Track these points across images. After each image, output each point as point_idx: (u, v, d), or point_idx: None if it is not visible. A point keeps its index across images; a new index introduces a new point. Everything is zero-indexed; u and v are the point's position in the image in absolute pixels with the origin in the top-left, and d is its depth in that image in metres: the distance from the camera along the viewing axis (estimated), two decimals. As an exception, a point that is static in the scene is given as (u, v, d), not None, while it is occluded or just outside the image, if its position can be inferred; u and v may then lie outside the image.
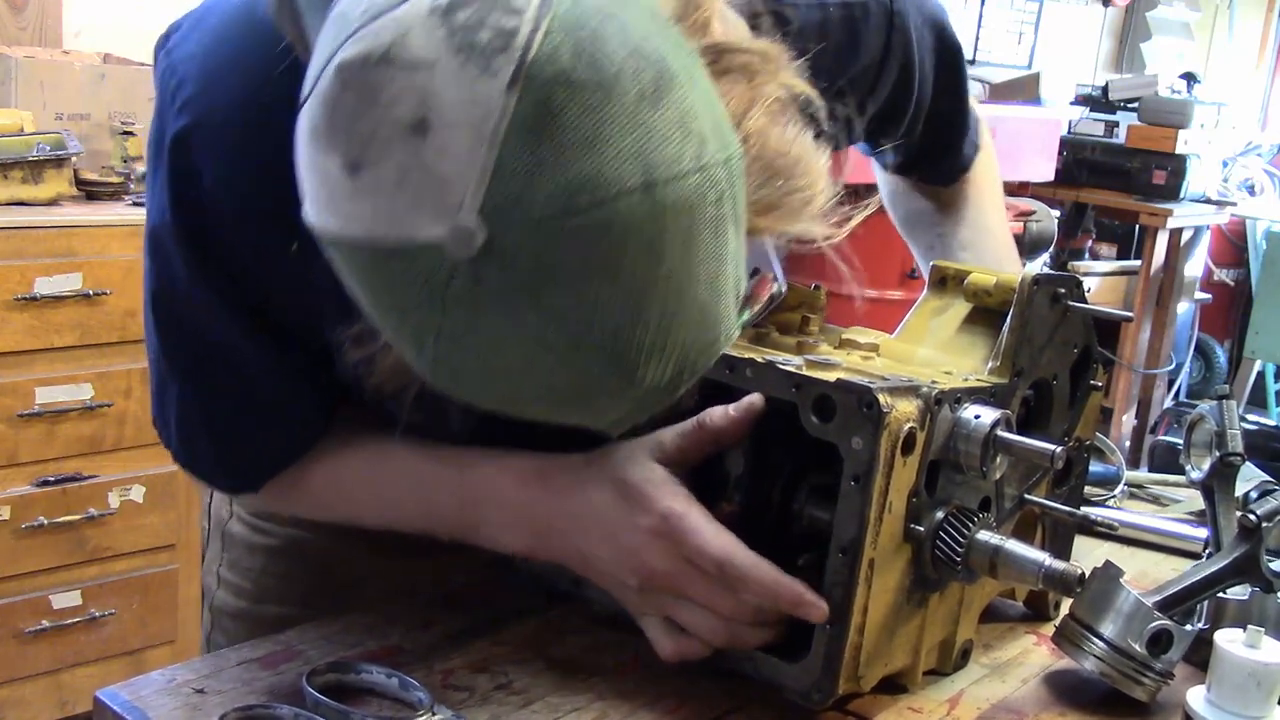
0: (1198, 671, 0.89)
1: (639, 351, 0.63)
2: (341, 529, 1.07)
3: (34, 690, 2.41)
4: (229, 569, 1.13)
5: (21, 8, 2.78)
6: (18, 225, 2.25)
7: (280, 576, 1.10)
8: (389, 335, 0.67)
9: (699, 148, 0.62)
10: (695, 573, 0.82)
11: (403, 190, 0.60)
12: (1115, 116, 4.69)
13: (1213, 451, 1.00)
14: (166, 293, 0.89)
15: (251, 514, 1.12)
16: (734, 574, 0.81)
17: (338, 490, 0.97)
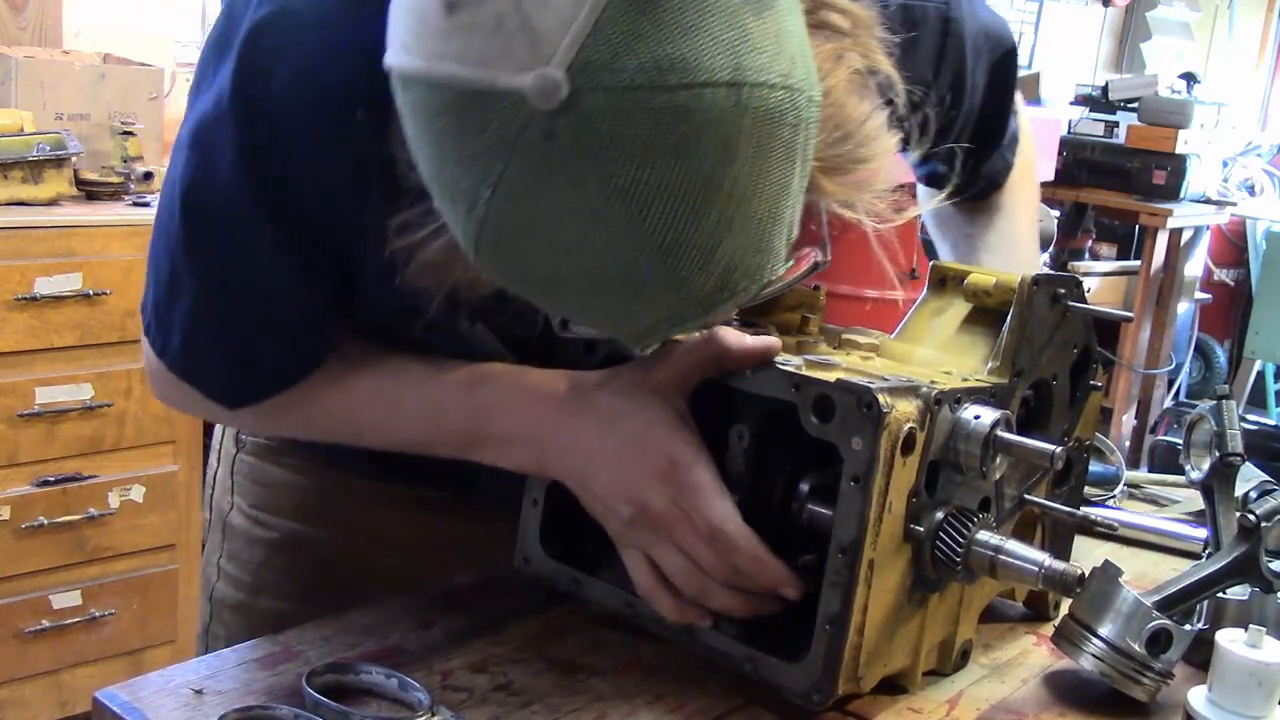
0: (1198, 672, 0.89)
1: (688, 251, 0.64)
2: (342, 524, 1.08)
3: (34, 690, 2.41)
4: (229, 561, 1.13)
5: (21, 8, 2.78)
6: (18, 225, 2.25)
7: (280, 570, 1.10)
8: (442, 191, 0.67)
9: (788, 67, 0.63)
10: (687, 522, 0.83)
11: (497, 34, 0.61)
12: (1115, 116, 4.69)
13: (1213, 451, 1.00)
14: (203, 187, 0.86)
15: (251, 506, 1.12)
16: (724, 540, 0.82)
17: (343, 404, 0.95)
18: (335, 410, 0.96)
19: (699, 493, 0.82)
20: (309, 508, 1.10)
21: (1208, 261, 5.06)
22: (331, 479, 1.09)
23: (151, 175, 2.54)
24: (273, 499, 1.11)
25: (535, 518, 0.95)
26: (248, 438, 1.13)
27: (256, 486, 1.12)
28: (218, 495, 1.16)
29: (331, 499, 1.09)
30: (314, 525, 1.09)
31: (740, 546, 0.82)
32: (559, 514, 0.95)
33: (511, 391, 0.90)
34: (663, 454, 0.83)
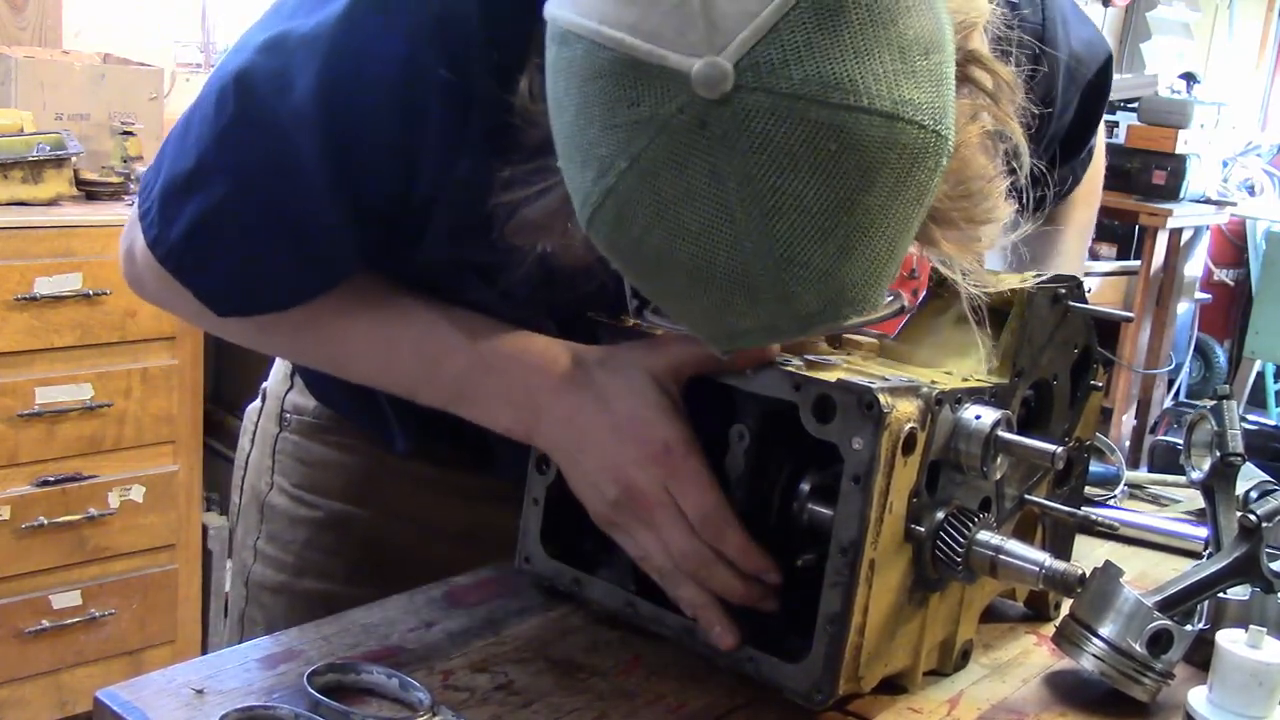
0: (1198, 672, 0.89)
1: (805, 267, 0.64)
2: (389, 506, 1.08)
3: (34, 690, 2.41)
4: (268, 542, 1.12)
5: (21, 8, 2.78)
6: (18, 225, 2.25)
7: (325, 550, 1.09)
8: (574, 153, 0.67)
9: (940, 114, 0.65)
10: (671, 508, 0.83)
11: (677, 12, 0.62)
12: (1115, 116, 4.69)
13: (1213, 451, 1.00)
14: (264, 83, 0.83)
15: (294, 485, 1.11)
16: (715, 525, 0.82)
17: (339, 334, 0.94)
18: (330, 338, 0.95)
19: (695, 477, 0.83)
20: (355, 487, 1.10)
21: (1208, 261, 5.06)
22: (378, 458, 1.09)
23: (151, 175, 2.54)
24: (318, 478, 1.11)
25: (536, 517, 0.95)
26: (294, 417, 1.12)
27: (301, 465, 1.12)
28: (252, 478, 1.15)
29: (378, 479, 1.09)
30: (360, 505, 1.08)
31: (728, 531, 0.83)
32: (559, 514, 0.95)
33: (512, 353, 0.89)
34: (658, 437, 0.84)
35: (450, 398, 0.92)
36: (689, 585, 0.85)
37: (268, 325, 0.94)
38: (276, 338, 0.97)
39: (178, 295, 0.92)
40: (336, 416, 1.11)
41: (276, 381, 1.16)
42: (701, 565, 0.84)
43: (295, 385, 1.14)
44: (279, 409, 1.14)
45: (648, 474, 0.84)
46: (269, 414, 1.16)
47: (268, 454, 1.14)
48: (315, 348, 0.97)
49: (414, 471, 1.08)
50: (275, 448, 1.14)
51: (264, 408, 1.17)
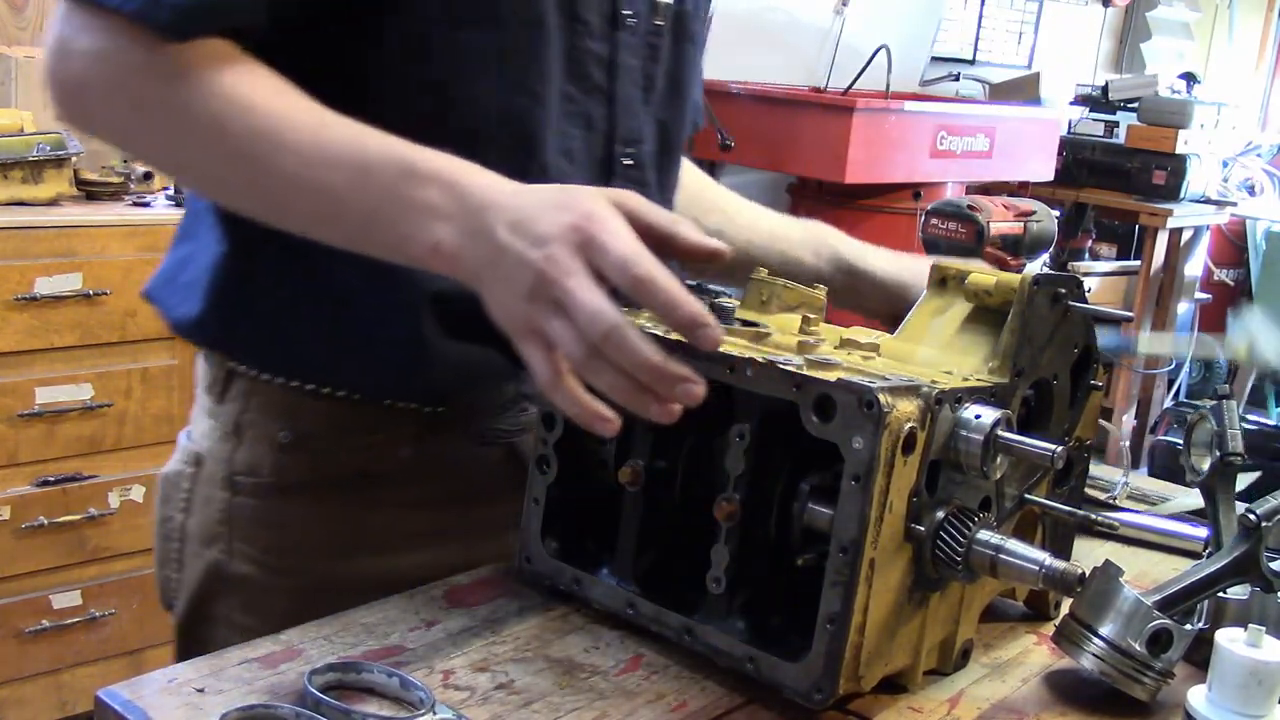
0: (1198, 671, 0.89)
1: None
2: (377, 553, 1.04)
3: (34, 690, 2.41)
4: (245, 614, 1.06)
5: (21, 8, 2.78)
6: (18, 225, 2.25)
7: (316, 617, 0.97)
8: None
9: None
10: (586, 276, 0.77)
11: None
12: (1115, 116, 4.69)
13: (1213, 451, 1.00)
14: None
15: (264, 551, 1.05)
16: (638, 272, 0.77)
17: (268, 98, 0.87)
18: (260, 130, 0.86)
19: (612, 234, 0.78)
20: (339, 542, 1.05)
21: (1208, 261, 5.07)
22: (357, 505, 1.05)
23: (151, 175, 2.54)
24: (293, 541, 1.05)
25: (536, 517, 0.95)
26: (247, 479, 1.05)
27: (268, 530, 1.05)
28: (196, 548, 1.08)
29: (360, 529, 1.05)
30: (347, 559, 1.04)
31: (657, 276, 0.77)
32: (560, 513, 0.96)
33: (447, 167, 0.84)
34: (580, 209, 0.79)
35: (375, 214, 0.85)
36: (609, 369, 0.77)
37: (182, 73, 0.86)
38: (194, 98, 0.86)
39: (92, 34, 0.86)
40: (304, 468, 1.04)
41: (213, 441, 1.07)
42: (616, 334, 0.76)
43: (243, 442, 1.05)
44: (226, 472, 1.06)
45: (566, 245, 0.78)
46: (210, 479, 1.07)
47: (216, 521, 1.07)
48: (240, 140, 0.86)
49: (399, 503, 1.05)
50: (230, 514, 1.06)
51: (199, 472, 1.08)
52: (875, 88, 3.60)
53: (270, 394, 1.04)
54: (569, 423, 0.93)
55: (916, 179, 3.46)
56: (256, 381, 1.04)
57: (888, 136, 3.36)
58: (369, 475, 1.05)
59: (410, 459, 1.05)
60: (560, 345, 0.78)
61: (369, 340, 1.01)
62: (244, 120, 0.86)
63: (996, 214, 1.45)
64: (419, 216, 0.84)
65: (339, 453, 1.04)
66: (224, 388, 1.06)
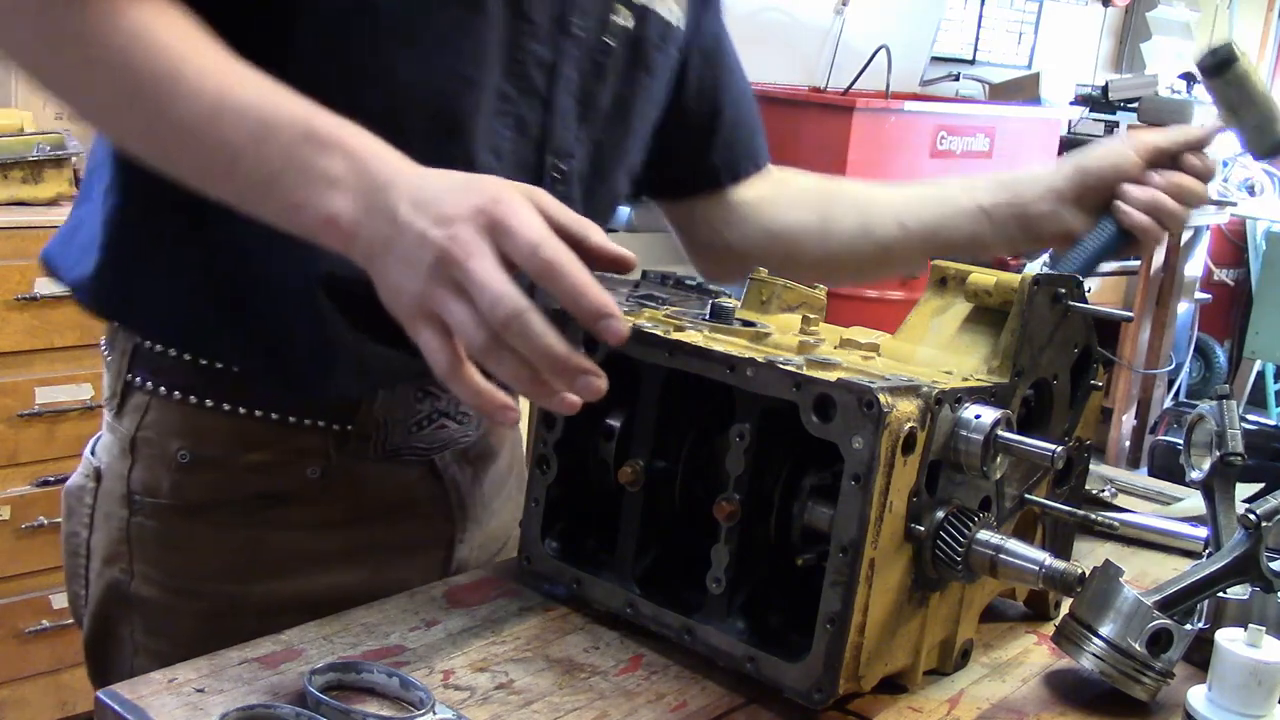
0: (1198, 671, 0.89)
1: None
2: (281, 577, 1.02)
3: (34, 690, 2.41)
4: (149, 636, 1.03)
5: (21, 8, 2.78)
6: (18, 225, 2.25)
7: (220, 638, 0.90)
8: None
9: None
10: (490, 256, 0.74)
11: None
12: (1115, 116, 4.69)
13: (1213, 451, 1.00)
14: None
15: (167, 575, 1.02)
16: (546, 255, 0.73)
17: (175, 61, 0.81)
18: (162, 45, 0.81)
19: (520, 217, 0.74)
20: (241, 566, 1.02)
21: (1208, 261, 5.06)
22: (259, 528, 1.02)
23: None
24: (193, 564, 1.02)
25: (536, 518, 0.95)
26: (145, 499, 1.01)
27: (169, 552, 1.02)
28: (99, 566, 1.04)
29: (263, 552, 1.02)
30: (252, 581, 1.01)
31: (564, 261, 0.73)
32: (560, 513, 0.96)
33: (351, 135, 0.80)
34: (488, 193, 0.76)
35: (272, 175, 0.80)
36: (510, 357, 0.74)
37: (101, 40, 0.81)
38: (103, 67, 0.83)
39: None
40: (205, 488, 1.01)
41: (112, 457, 1.03)
42: (520, 320, 0.72)
43: (138, 460, 1.01)
44: (124, 490, 1.02)
45: (470, 225, 0.74)
46: (109, 495, 1.03)
47: (116, 540, 1.03)
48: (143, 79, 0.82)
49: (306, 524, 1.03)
50: (129, 534, 1.02)
51: (100, 488, 1.04)
52: (875, 88, 3.60)
53: (168, 410, 1.01)
54: (569, 423, 0.93)
55: (916, 179, 3.46)
56: (155, 396, 1.01)
57: (888, 136, 3.36)
58: (273, 496, 1.02)
59: (317, 479, 1.02)
60: (459, 330, 0.74)
61: (266, 315, 0.97)
62: (149, 59, 0.81)
63: (996, 214, 1.44)
64: (317, 185, 0.79)
65: (241, 473, 1.01)
66: (121, 401, 1.03)
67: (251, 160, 0.81)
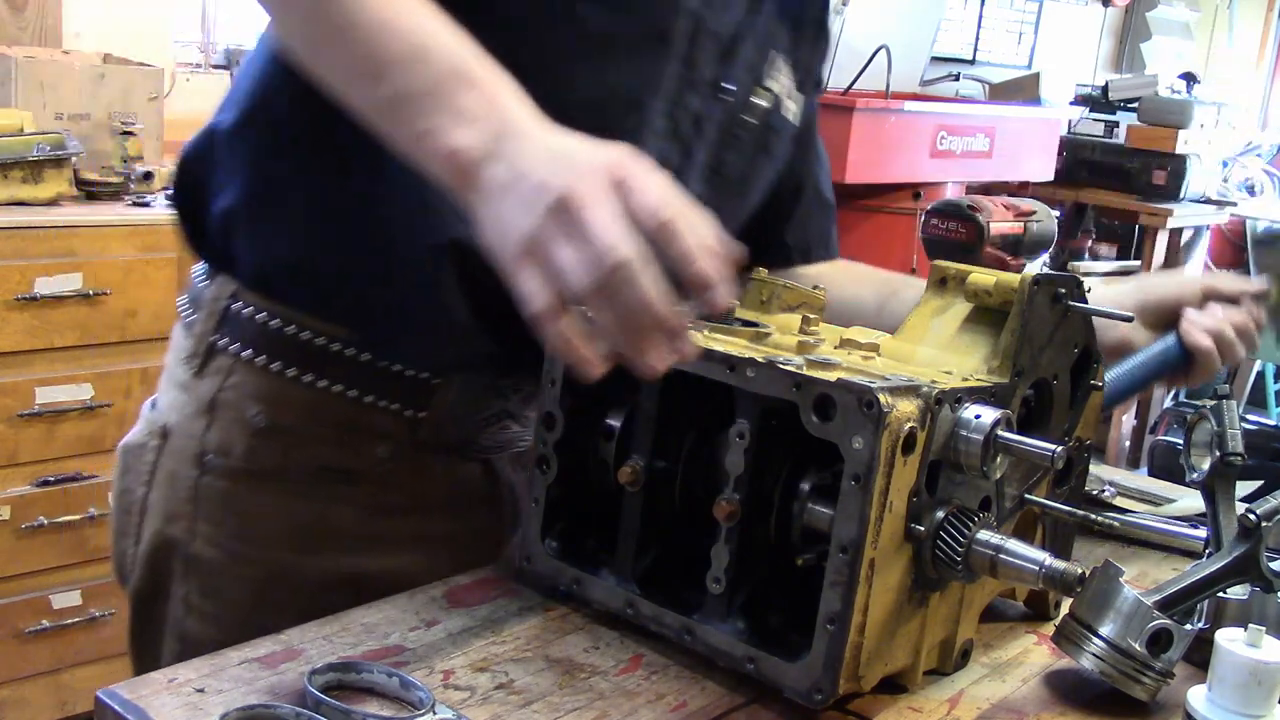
0: (1198, 671, 0.89)
1: None
2: (338, 551, 1.04)
3: (34, 690, 2.41)
4: (204, 598, 1.04)
5: (21, 8, 2.78)
6: (18, 225, 2.25)
7: (274, 607, 0.97)
8: None
9: None
10: (613, 204, 0.73)
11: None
12: (1115, 116, 4.70)
13: (1213, 451, 1.00)
14: None
15: (229, 537, 1.03)
16: (669, 214, 0.73)
17: None
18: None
19: (649, 176, 0.75)
20: (301, 535, 1.04)
21: (1208, 261, 5.07)
22: (323, 501, 1.04)
23: (151, 175, 2.55)
24: (257, 529, 1.04)
25: (536, 517, 0.95)
26: (216, 459, 1.03)
27: (234, 516, 1.04)
28: (157, 524, 1.05)
29: (324, 524, 1.04)
30: (307, 554, 1.03)
31: (688, 229, 0.73)
32: (560, 513, 0.96)
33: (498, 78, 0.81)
34: (619, 155, 0.76)
35: (411, 96, 0.81)
36: (610, 306, 0.73)
37: None
38: None
39: None
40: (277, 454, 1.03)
41: (185, 417, 1.05)
42: (628, 268, 0.72)
43: (215, 420, 1.04)
44: (196, 449, 1.04)
45: (597, 178, 0.74)
46: (177, 454, 1.05)
47: (182, 499, 1.04)
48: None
49: (368, 504, 1.04)
50: (196, 493, 1.04)
51: (165, 445, 1.06)
52: (875, 88, 3.60)
53: (251, 375, 1.03)
54: (569, 423, 0.93)
55: (916, 179, 3.46)
56: (239, 360, 1.03)
57: (888, 136, 3.36)
58: (340, 471, 1.04)
59: (384, 461, 1.04)
60: (566, 271, 0.73)
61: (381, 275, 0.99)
62: None
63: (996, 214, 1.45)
64: (450, 116, 0.79)
65: (312, 444, 1.03)
66: (204, 362, 1.05)
67: (399, 77, 0.81)
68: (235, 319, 1.04)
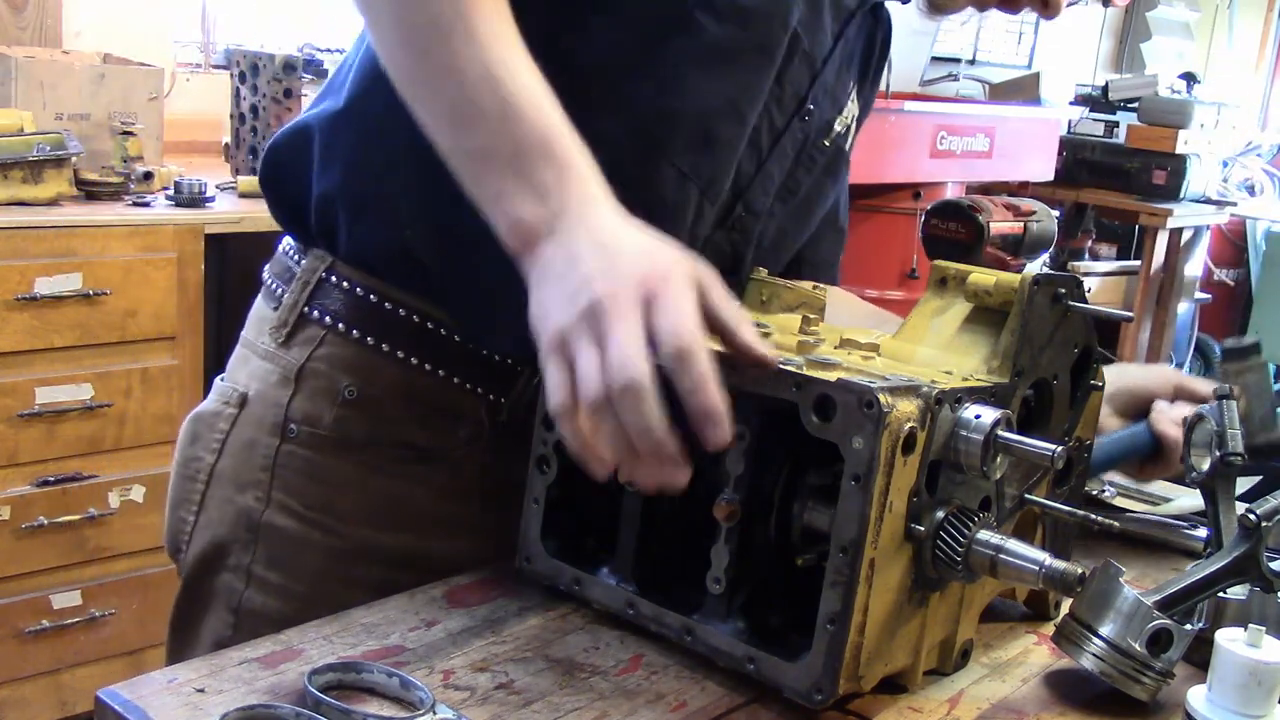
0: (1198, 671, 0.89)
1: None
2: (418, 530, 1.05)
3: (34, 690, 2.41)
4: (268, 567, 1.04)
5: (21, 8, 2.78)
6: (18, 225, 2.25)
7: (343, 582, 1.02)
8: None
9: None
10: (637, 323, 0.77)
11: None
12: (1115, 116, 4.70)
13: (1213, 451, 1.00)
14: None
15: (306, 507, 1.04)
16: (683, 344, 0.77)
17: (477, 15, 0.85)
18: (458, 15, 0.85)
19: (680, 299, 0.79)
20: (382, 511, 1.05)
21: (1208, 261, 5.07)
22: (408, 477, 1.05)
23: (151, 175, 2.55)
24: (339, 500, 1.04)
25: (536, 517, 0.95)
26: (303, 428, 1.04)
27: (315, 485, 1.04)
28: (229, 491, 1.06)
29: (407, 500, 1.05)
30: (386, 531, 1.04)
31: (697, 356, 0.77)
32: (560, 513, 0.96)
33: (576, 154, 0.85)
34: (664, 266, 0.80)
35: (492, 156, 0.85)
36: (612, 420, 0.77)
37: None
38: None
39: None
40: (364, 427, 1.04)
41: (269, 385, 1.06)
42: (637, 389, 0.76)
43: (301, 389, 1.05)
44: (278, 418, 1.05)
45: (636, 289, 0.78)
46: (256, 422, 1.06)
47: (257, 467, 1.05)
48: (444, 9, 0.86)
49: (445, 487, 1.06)
50: (275, 461, 1.05)
51: (242, 414, 1.07)
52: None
53: (343, 346, 1.04)
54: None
55: (916, 179, 3.46)
56: (331, 331, 1.04)
57: (888, 136, 3.36)
58: (422, 450, 1.06)
59: (465, 444, 1.06)
60: (581, 375, 0.78)
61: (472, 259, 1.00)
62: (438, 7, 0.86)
63: (996, 214, 1.45)
64: (524, 185, 0.83)
65: (399, 420, 1.05)
66: (292, 331, 1.06)
67: (486, 134, 0.85)
68: (329, 290, 1.05)
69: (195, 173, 2.63)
